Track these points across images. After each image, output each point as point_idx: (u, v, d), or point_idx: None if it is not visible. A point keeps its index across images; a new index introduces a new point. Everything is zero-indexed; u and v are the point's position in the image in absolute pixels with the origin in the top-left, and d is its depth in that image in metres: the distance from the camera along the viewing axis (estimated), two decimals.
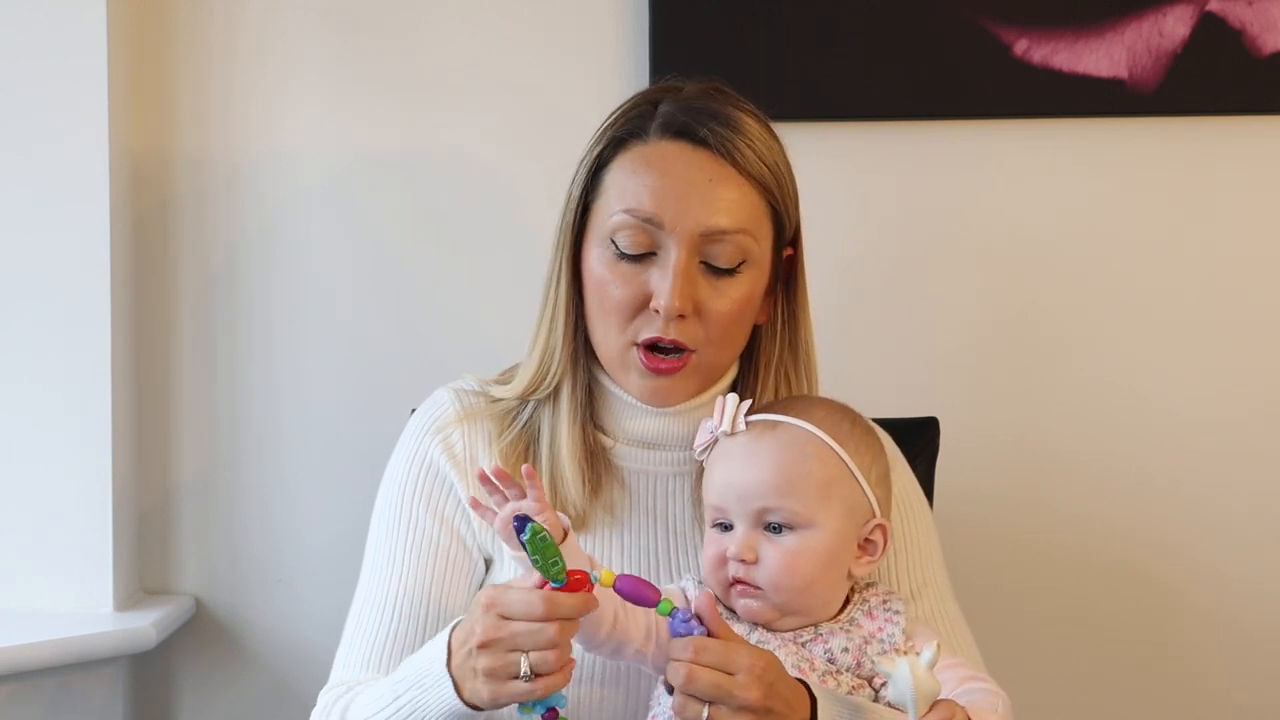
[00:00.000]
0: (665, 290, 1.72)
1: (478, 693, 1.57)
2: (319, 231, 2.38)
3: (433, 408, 1.86)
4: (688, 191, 1.73)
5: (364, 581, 1.83)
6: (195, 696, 2.42)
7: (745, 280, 1.75)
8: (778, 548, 1.63)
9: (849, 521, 1.66)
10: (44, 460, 2.29)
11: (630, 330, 1.75)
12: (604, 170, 1.77)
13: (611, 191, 1.76)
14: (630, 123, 1.78)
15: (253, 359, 2.39)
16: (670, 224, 1.72)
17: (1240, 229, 2.37)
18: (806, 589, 1.64)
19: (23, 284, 2.28)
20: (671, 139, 1.75)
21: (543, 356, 1.81)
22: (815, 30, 2.32)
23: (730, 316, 1.75)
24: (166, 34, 2.36)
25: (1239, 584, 2.39)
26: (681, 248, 1.72)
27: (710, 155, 1.74)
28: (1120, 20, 2.32)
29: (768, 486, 1.64)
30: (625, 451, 1.82)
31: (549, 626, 1.52)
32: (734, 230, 1.73)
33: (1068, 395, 2.38)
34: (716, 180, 1.73)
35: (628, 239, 1.74)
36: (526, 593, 1.54)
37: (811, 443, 1.66)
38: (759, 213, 1.76)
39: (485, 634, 1.55)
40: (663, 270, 1.73)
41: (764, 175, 1.75)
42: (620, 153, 1.77)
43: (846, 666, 1.64)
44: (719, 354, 1.78)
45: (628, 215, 1.73)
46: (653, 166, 1.74)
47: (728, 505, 1.66)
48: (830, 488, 1.65)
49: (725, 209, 1.73)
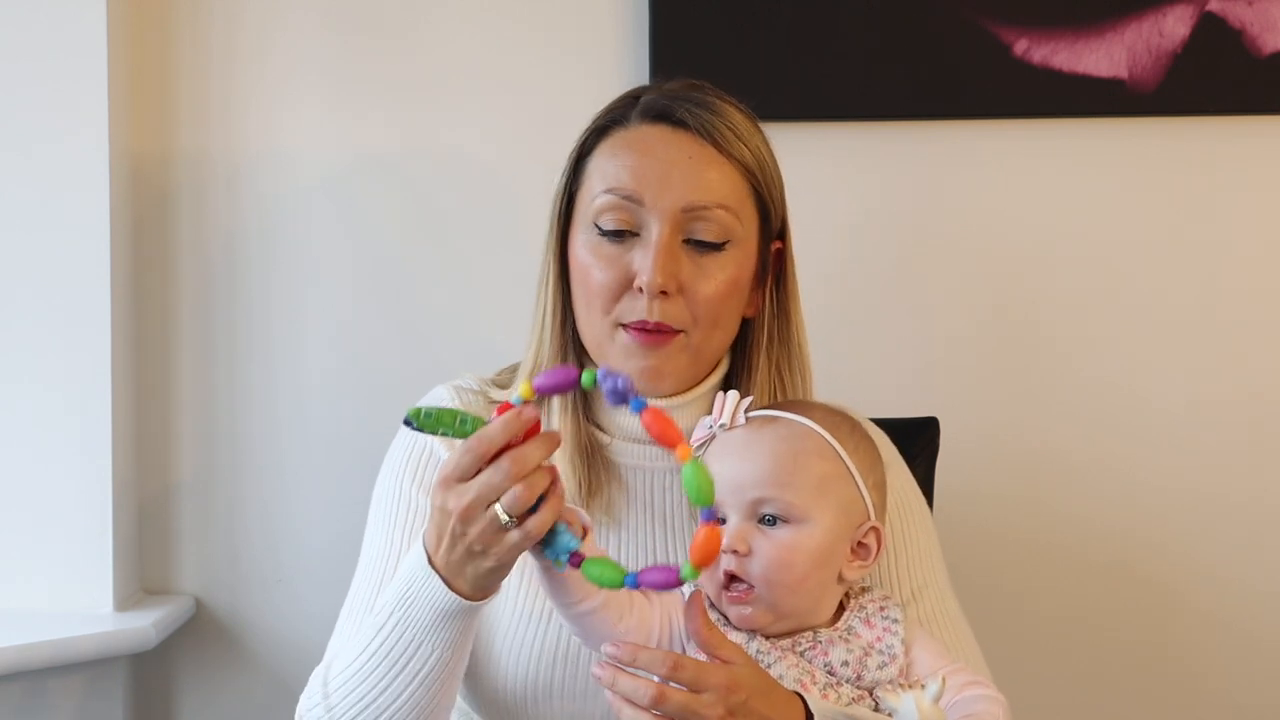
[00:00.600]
0: (647, 266, 1.72)
1: (479, 570, 1.54)
2: (319, 231, 2.38)
3: (430, 401, 1.86)
4: (668, 169, 1.74)
5: (361, 565, 1.82)
6: (195, 696, 2.42)
7: (730, 260, 1.75)
8: (771, 540, 1.62)
9: (844, 520, 1.65)
10: (44, 460, 2.29)
11: (615, 313, 1.75)
12: (587, 158, 1.79)
13: (594, 176, 1.77)
14: (612, 113, 1.80)
15: (253, 359, 2.39)
16: (651, 200, 1.73)
17: (1240, 229, 2.37)
18: (798, 585, 1.62)
19: (23, 284, 2.28)
20: (651, 122, 1.77)
21: (538, 352, 1.81)
22: (815, 30, 2.32)
23: (717, 297, 1.75)
24: (166, 34, 2.36)
25: (1238, 584, 2.39)
26: (664, 224, 1.73)
27: (691, 135, 1.76)
28: (1120, 20, 2.32)
29: (763, 476, 1.63)
30: (622, 447, 1.82)
31: (501, 463, 1.48)
32: (714, 205, 1.74)
33: (1068, 395, 2.38)
34: (697, 158, 1.75)
35: (610, 219, 1.74)
36: (459, 452, 1.51)
37: (810, 438, 1.66)
38: (741, 192, 1.76)
39: (458, 509, 1.51)
40: (645, 248, 1.73)
41: (745, 157, 1.77)
42: (602, 140, 1.79)
43: (847, 679, 1.62)
44: (707, 336, 1.77)
45: (609, 195, 1.75)
46: (633, 148, 1.76)
47: (723, 498, 1.62)
48: (827, 484, 1.64)
49: (706, 185, 1.74)
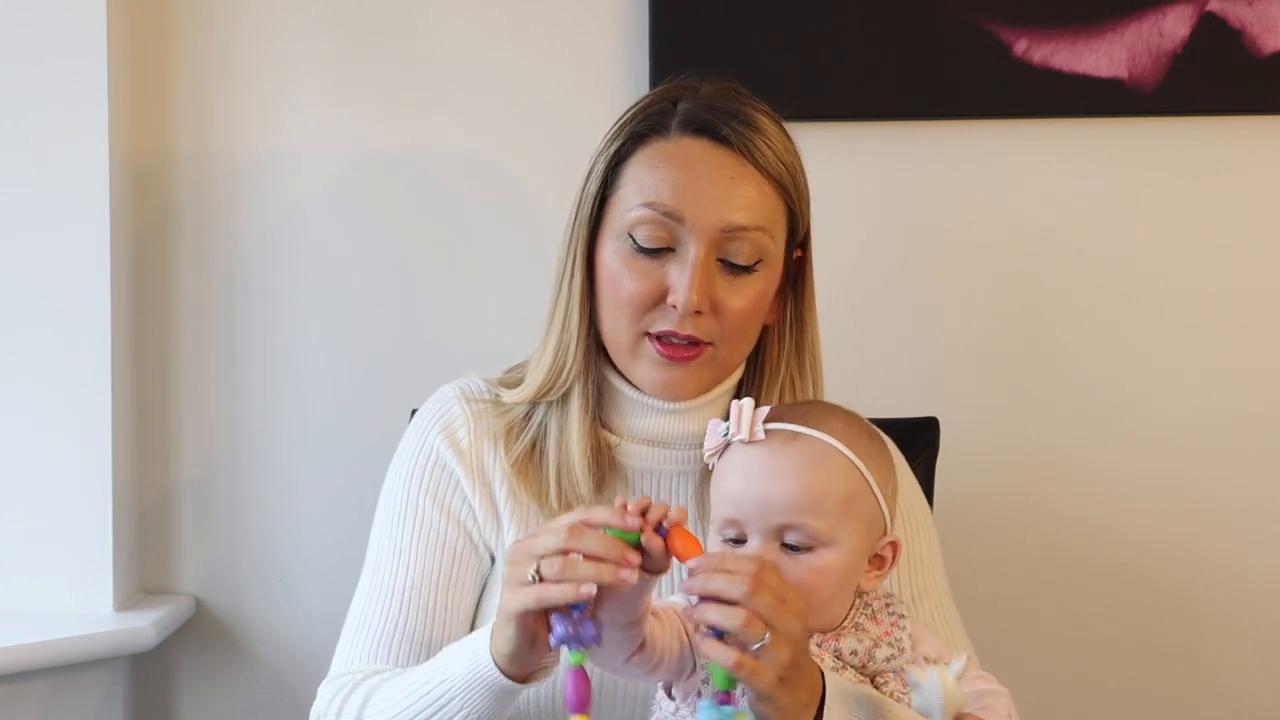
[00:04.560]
0: (684, 286, 1.71)
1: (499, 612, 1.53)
2: (319, 231, 2.38)
3: (438, 403, 1.85)
4: (708, 188, 1.72)
5: (367, 574, 1.82)
6: (195, 696, 2.42)
7: (760, 279, 1.75)
8: (797, 564, 1.58)
9: (866, 539, 1.62)
10: (44, 460, 2.29)
11: (644, 322, 1.74)
12: (623, 165, 1.76)
13: (630, 186, 1.75)
14: (650, 119, 1.77)
15: (253, 359, 2.39)
16: (690, 219, 1.72)
17: (1240, 229, 2.37)
18: (823, 608, 1.60)
19: (23, 284, 2.28)
20: (693, 136, 1.75)
21: (556, 353, 1.79)
22: (815, 30, 2.32)
23: (746, 314, 1.75)
24: (166, 34, 2.36)
25: (1240, 583, 2.39)
26: (701, 244, 1.72)
27: (731, 153, 1.74)
28: (1120, 20, 2.32)
29: (791, 502, 1.58)
30: (631, 449, 1.81)
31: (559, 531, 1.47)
32: (753, 227, 1.73)
33: (1068, 395, 2.38)
34: (737, 178, 1.73)
35: (646, 233, 1.73)
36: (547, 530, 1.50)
37: (835, 458, 1.61)
38: (777, 212, 1.76)
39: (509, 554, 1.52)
40: (681, 266, 1.72)
41: (782, 175, 1.76)
42: (640, 148, 1.76)
43: (853, 665, 1.62)
44: (733, 350, 1.77)
45: (648, 209, 1.73)
46: (673, 162, 1.74)
47: (745, 518, 1.60)
48: (851, 504, 1.61)
49: (745, 206, 1.73)
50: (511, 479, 1.79)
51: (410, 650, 1.75)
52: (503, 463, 1.80)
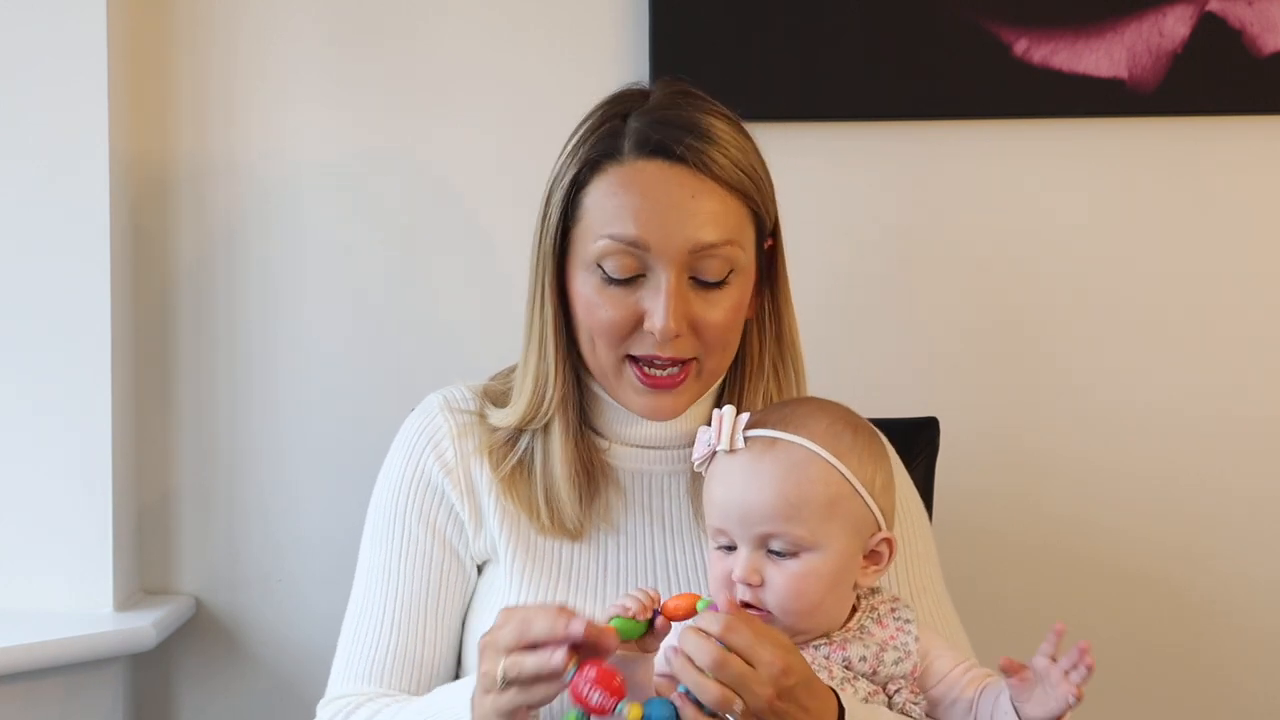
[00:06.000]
0: (659, 312, 1.70)
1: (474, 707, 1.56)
2: (318, 231, 2.38)
3: (424, 415, 1.85)
4: (670, 211, 1.70)
5: (358, 593, 1.83)
6: (195, 696, 2.42)
7: (735, 289, 1.74)
8: (783, 571, 1.59)
9: (854, 539, 1.62)
10: (44, 460, 2.29)
11: (624, 346, 1.74)
12: (581, 193, 1.74)
13: (592, 215, 1.73)
14: (602, 141, 1.74)
15: (252, 359, 2.39)
16: (657, 247, 1.70)
17: (1240, 229, 2.37)
18: (815, 610, 1.61)
19: (23, 284, 2.28)
20: (648, 158, 1.72)
21: (536, 383, 1.78)
22: (814, 30, 2.32)
23: (726, 325, 1.74)
24: (166, 34, 2.36)
25: (1240, 583, 2.39)
26: (670, 269, 1.70)
27: (688, 170, 1.71)
28: (1120, 20, 2.32)
29: (769, 511, 1.59)
30: (621, 452, 1.82)
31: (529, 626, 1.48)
32: (721, 243, 1.71)
33: (1068, 395, 2.38)
34: (699, 194, 1.71)
35: (615, 264, 1.71)
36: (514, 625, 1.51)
37: (813, 463, 1.61)
38: (742, 219, 1.74)
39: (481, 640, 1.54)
40: (654, 292, 1.71)
41: (743, 182, 1.73)
42: (596, 175, 1.73)
43: (863, 673, 1.62)
44: (719, 360, 1.77)
45: (612, 241, 1.71)
46: (632, 188, 1.71)
47: (729, 528, 1.61)
48: (834, 508, 1.61)
49: (710, 222, 1.71)
50: (499, 490, 1.80)
51: (402, 672, 1.77)
52: (490, 474, 1.80)
